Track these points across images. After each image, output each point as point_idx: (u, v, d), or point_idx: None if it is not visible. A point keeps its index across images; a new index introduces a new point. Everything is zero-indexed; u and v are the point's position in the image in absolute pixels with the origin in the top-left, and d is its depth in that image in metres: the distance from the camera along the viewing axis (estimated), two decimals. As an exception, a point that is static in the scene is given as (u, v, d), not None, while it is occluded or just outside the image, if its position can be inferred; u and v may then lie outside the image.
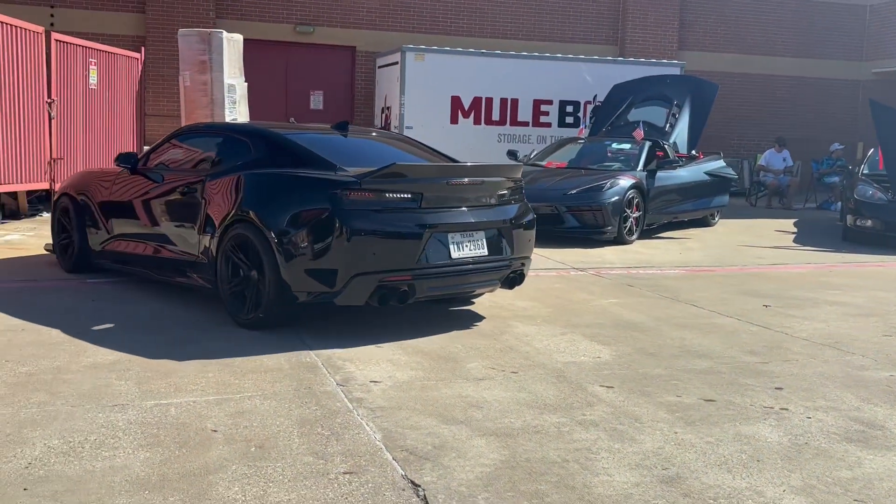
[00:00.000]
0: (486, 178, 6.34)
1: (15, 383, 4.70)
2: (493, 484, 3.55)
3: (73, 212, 7.86)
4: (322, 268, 5.69)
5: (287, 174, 6.13)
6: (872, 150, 14.09)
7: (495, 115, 16.74)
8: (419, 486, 3.51)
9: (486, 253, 6.16)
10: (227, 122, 10.28)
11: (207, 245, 6.39)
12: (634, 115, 14.34)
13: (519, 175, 6.66)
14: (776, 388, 5.01)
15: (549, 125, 17.02)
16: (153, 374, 4.92)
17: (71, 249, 7.97)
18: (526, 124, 16.93)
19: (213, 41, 12.47)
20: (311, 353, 5.46)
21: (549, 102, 17.03)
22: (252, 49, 15.29)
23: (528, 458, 3.84)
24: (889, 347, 6.13)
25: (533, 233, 6.70)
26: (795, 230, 13.82)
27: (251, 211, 5.99)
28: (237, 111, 13.01)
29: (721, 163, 13.54)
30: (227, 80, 12.62)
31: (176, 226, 6.79)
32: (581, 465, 3.78)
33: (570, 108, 17.20)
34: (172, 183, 6.91)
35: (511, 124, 16.84)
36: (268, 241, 5.84)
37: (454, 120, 16.47)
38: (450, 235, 5.95)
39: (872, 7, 22.36)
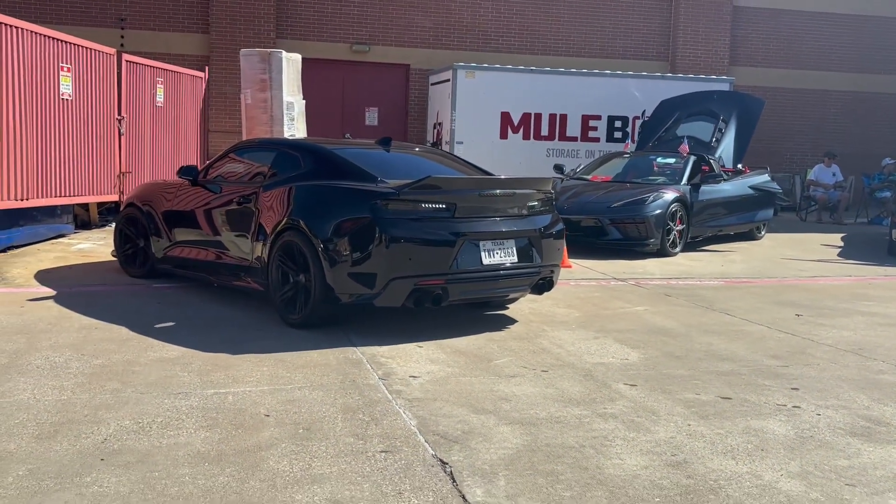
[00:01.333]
0: (516, 190, 6.74)
1: (91, 373, 5.23)
2: (513, 464, 3.93)
3: (144, 220, 8.39)
4: (363, 271, 6.14)
5: (332, 185, 6.61)
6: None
7: (544, 131, 17.10)
8: (447, 463, 3.91)
9: (516, 260, 6.54)
10: (279, 138, 10.79)
11: (260, 251, 6.88)
12: (681, 130, 14.55)
13: (549, 187, 7.03)
14: (792, 389, 5.30)
15: (597, 140, 17.31)
16: (213, 368, 5.40)
17: (141, 256, 8.53)
18: (574, 139, 17.26)
19: (272, 61, 13.09)
20: (357, 350, 5.90)
21: (598, 118, 17.34)
22: (310, 67, 15.90)
23: (549, 443, 4.21)
24: (911, 354, 6.34)
25: (562, 242, 7.08)
26: (842, 244, 13.89)
27: (299, 219, 6.48)
28: (295, 127, 13.59)
29: (766, 177, 13.71)
30: (285, 98, 13.23)
31: (232, 233, 7.30)
32: (596, 450, 4.14)
33: (618, 124, 17.48)
34: (229, 194, 7.43)
35: (560, 139, 17.18)
36: (314, 246, 6.30)
37: (504, 135, 16.87)
38: (481, 243, 6.35)
39: (929, 21, 22.18)
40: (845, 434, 4.48)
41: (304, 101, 13.86)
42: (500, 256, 6.46)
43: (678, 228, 11.78)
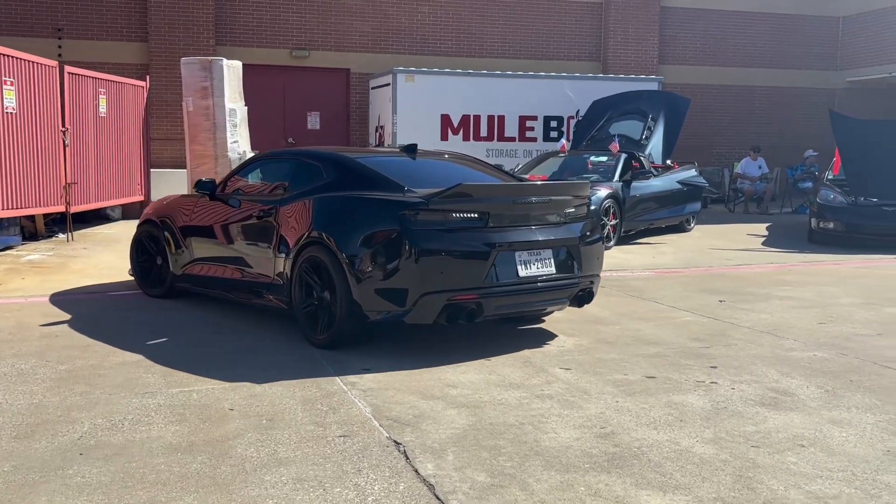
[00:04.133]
0: (552, 197, 6.44)
1: (58, 378, 5.51)
2: (460, 441, 4.37)
3: (161, 237, 8.08)
4: (392, 287, 5.85)
5: (356, 196, 6.32)
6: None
7: (483, 132, 17.63)
8: (400, 444, 4.33)
9: (555, 271, 6.21)
10: (300, 148, 10.22)
11: (282, 267, 6.59)
12: (613, 128, 15.21)
13: (586, 192, 6.70)
14: (711, 367, 5.84)
15: (534, 140, 17.91)
16: (174, 369, 5.72)
17: (158, 275, 8.22)
18: (513, 139, 17.83)
19: (213, 68, 13.35)
20: (317, 351, 6.24)
21: (534, 118, 17.94)
22: (251, 74, 16.14)
23: (492, 422, 4.66)
24: (819, 333, 6.96)
25: (602, 249, 6.76)
26: (766, 234, 14.65)
27: (322, 233, 6.19)
28: (238, 134, 13.86)
29: (693, 172, 14.43)
30: (227, 105, 13.49)
31: (252, 249, 7.03)
32: (534, 426, 4.60)
33: (554, 124, 18.10)
34: (248, 208, 7.15)
35: (498, 140, 17.73)
36: (339, 261, 6.01)
37: (444, 137, 17.34)
38: (517, 254, 6.03)
39: (845, 18, 23.29)
40: (755, 404, 5.02)
41: (245, 108, 14.13)
42: (538, 268, 6.13)
43: (612, 223, 12.37)
